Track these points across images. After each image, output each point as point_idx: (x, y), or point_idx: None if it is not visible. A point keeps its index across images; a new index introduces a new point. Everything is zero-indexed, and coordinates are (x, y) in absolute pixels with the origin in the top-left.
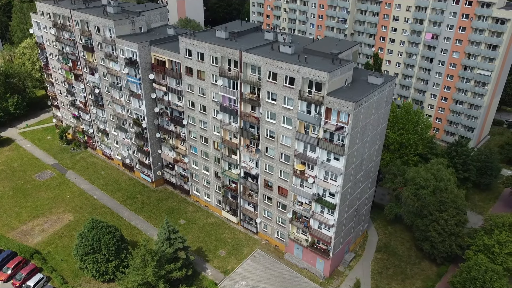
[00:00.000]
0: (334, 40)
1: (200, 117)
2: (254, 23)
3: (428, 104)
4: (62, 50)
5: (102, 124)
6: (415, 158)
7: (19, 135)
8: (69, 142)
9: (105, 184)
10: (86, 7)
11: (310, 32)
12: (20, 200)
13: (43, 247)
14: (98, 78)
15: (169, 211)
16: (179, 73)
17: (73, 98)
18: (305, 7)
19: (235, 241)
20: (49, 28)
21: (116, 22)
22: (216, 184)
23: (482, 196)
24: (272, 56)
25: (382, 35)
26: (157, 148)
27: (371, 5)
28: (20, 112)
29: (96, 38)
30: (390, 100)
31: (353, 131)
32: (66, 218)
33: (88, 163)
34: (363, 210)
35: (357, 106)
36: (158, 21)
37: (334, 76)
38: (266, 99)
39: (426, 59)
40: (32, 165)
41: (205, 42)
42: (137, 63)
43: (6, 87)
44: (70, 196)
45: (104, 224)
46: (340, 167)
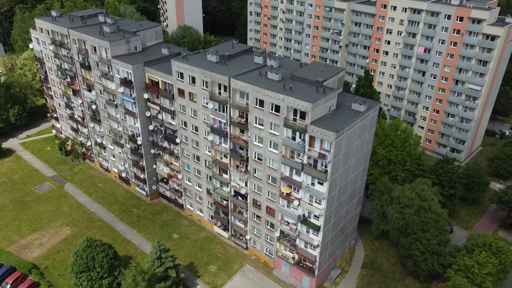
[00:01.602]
0: (320, 65)
1: (193, 136)
2: (245, 45)
3: (420, 116)
4: (61, 66)
5: (99, 138)
6: (404, 174)
7: (20, 146)
8: (68, 153)
9: (102, 197)
10: (83, 25)
11: (306, 42)
12: (20, 213)
13: (41, 261)
14: (95, 95)
15: (163, 225)
16: (172, 94)
17: (72, 112)
18: (301, 18)
19: (225, 256)
20: (48, 44)
21: (112, 43)
22: (208, 200)
23: (469, 210)
24: (259, 83)
25: (376, 47)
26: (152, 163)
27: (365, 17)
28: (21, 122)
29: (93, 57)
30: (374, 125)
31: (335, 158)
32: (64, 232)
33: (86, 175)
34: (349, 228)
35: (338, 136)
36: (153, 39)
37: (318, 106)
38: (254, 124)
39: (419, 72)
40: (32, 177)
41: (196, 67)
42: (131, 83)
43: (7, 98)
44: (68, 209)
45: (98, 243)
46: (324, 192)
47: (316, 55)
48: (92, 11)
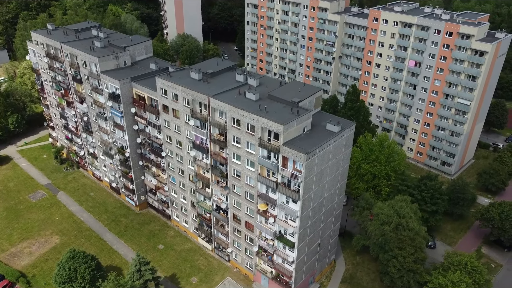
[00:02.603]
0: (299, 85)
1: (177, 151)
2: (230, 62)
3: (412, 129)
4: (55, 78)
5: (92, 148)
6: (388, 189)
7: (17, 153)
8: (63, 162)
9: (93, 206)
10: (76, 39)
11: (301, 52)
12: (12, 221)
13: (29, 270)
14: (87, 107)
15: (150, 236)
16: (157, 110)
17: (66, 122)
18: (296, 29)
19: (208, 268)
20: (43, 56)
21: (101, 58)
22: (193, 213)
23: (454, 225)
24: (237, 103)
25: (369, 59)
26: (141, 175)
27: (358, 30)
28: (20, 129)
29: (83, 71)
30: (350, 144)
31: (307, 178)
32: (53, 241)
33: (79, 183)
34: (328, 244)
35: (309, 157)
36: (143, 53)
37: (290, 127)
38: (232, 142)
39: (410, 85)
40: (26, 185)
41: (178, 85)
42: (119, 97)
43: (7, 106)
44: (59, 218)
45: (81, 254)
46: (297, 210)
47: (310, 66)
48: (87, 24)
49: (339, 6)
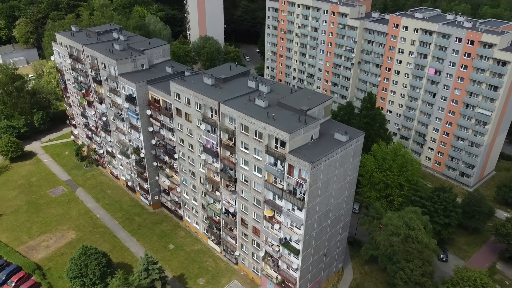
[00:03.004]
0: (309, 93)
1: (189, 153)
2: (243, 67)
3: (430, 138)
4: (77, 78)
5: (110, 147)
6: (401, 199)
7: (41, 149)
8: (84, 159)
9: (109, 204)
10: (98, 42)
11: (320, 57)
12: (33, 215)
13: (45, 263)
14: (105, 108)
15: (162, 235)
16: (171, 113)
17: (86, 121)
18: (315, 33)
19: (215, 270)
20: (66, 57)
21: (119, 61)
22: (203, 215)
23: (469, 239)
24: (246, 109)
25: (388, 66)
26: (155, 175)
27: (378, 36)
28: (44, 126)
29: (103, 73)
30: (358, 153)
31: (312, 187)
32: (69, 236)
33: (97, 181)
34: (335, 252)
35: (314, 166)
36: (161, 57)
37: (296, 136)
38: (240, 148)
39: (429, 93)
40: (48, 180)
41: (190, 90)
42: (135, 99)
43: (33, 103)
44: (76, 214)
45: (92, 251)
46: (302, 218)
47: (329, 71)
48: (109, 27)
49: (359, 11)
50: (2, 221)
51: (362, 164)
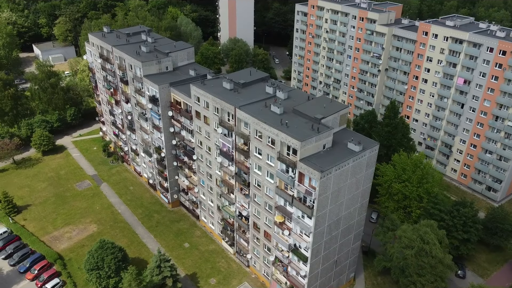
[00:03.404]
0: (325, 101)
1: (206, 155)
2: (263, 73)
3: (457, 149)
4: (106, 78)
5: (134, 145)
6: (419, 211)
7: (71, 144)
8: (110, 155)
9: (131, 200)
10: (126, 43)
11: (347, 63)
12: (59, 207)
13: (67, 253)
14: (131, 107)
15: (178, 233)
16: (191, 115)
17: (114, 119)
18: (343, 39)
19: (227, 271)
20: (97, 57)
21: (144, 63)
22: (218, 216)
23: (490, 257)
24: (261, 115)
25: (416, 74)
26: (175, 174)
27: (406, 43)
28: (76, 122)
29: (129, 73)
30: (372, 164)
31: (321, 196)
32: (91, 229)
33: (121, 177)
34: (346, 262)
35: (324, 175)
36: (185, 60)
37: (308, 144)
38: (254, 153)
39: (457, 103)
40: (75, 174)
41: (209, 93)
42: (158, 101)
43: (66, 99)
44: (99, 208)
45: (109, 245)
46: (311, 226)
47: (356, 77)
48: (138, 28)
49: (388, 17)
50: (31, 211)
51: (381, 173)
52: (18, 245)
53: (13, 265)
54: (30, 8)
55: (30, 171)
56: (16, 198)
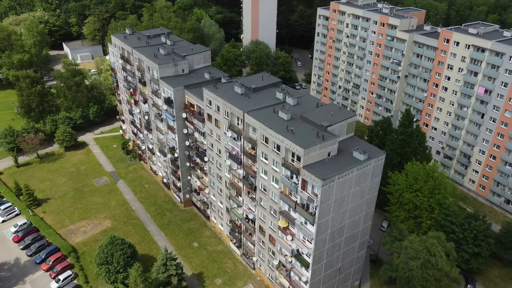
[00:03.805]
0: (334, 108)
1: (217, 158)
2: (275, 78)
3: (475, 159)
4: (126, 78)
5: (150, 144)
6: (430, 222)
7: (92, 140)
8: (128, 153)
9: (145, 197)
10: (146, 45)
11: (366, 68)
12: (76, 201)
13: (81, 247)
14: (148, 108)
15: (188, 232)
16: (203, 118)
17: (133, 118)
18: (363, 44)
19: (233, 272)
20: (119, 58)
21: (161, 65)
22: (227, 217)
23: (503, 272)
24: (268, 121)
25: (436, 82)
26: (187, 175)
27: (427, 50)
28: (98, 119)
29: (147, 75)
30: (378, 173)
31: (323, 204)
32: (105, 224)
33: (138, 175)
34: (351, 269)
35: (326, 183)
36: (202, 63)
37: (311, 151)
38: (261, 158)
39: (478, 113)
40: (94, 170)
41: (219, 97)
42: (172, 102)
43: (89, 97)
44: (114, 204)
45: (119, 241)
46: (312, 232)
47: (375, 82)
48: (159, 31)
49: (410, 23)
50: (50, 204)
51: (392, 182)
52: (35, 237)
53: (30, 255)
54: (62, 7)
55: (52, 166)
56: (37, 191)
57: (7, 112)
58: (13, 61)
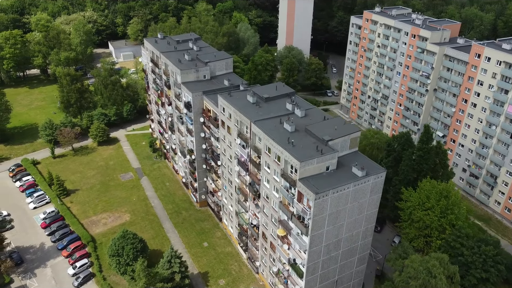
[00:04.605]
0: (339, 123)
1: (228, 163)
2: (289, 88)
3: (502, 181)
4: (155, 80)
5: (173, 145)
6: (439, 242)
7: (124, 137)
8: (155, 151)
9: (165, 195)
10: (174, 50)
11: (396, 79)
12: (101, 194)
13: (99, 238)
14: (172, 110)
15: (200, 232)
16: (217, 123)
17: (159, 118)
18: (394, 55)
19: (238, 275)
20: (149, 60)
21: (183, 71)
22: (236, 221)
23: None
24: (272, 132)
25: (465, 97)
26: (203, 176)
27: (458, 64)
28: (131, 117)
29: (171, 79)
30: (378, 190)
31: (317, 217)
32: (125, 218)
33: (161, 173)
34: (349, 283)
35: (320, 197)
36: (223, 69)
37: (308, 165)
38: (264, 166)
39: (507, 133)
40: (122, 166)
41: (231, 105)
42: (191, 107)
43: (124, 96)
44: (135, 200)
45: (130, 236)
46: (306, 243)
47: (403, 94)
48: (189, 36)
49: (442, 36)
50: (78, 195)
51: (405, 198)
52: (60, 225)
53: (54, 241)
54: (110, 8)
55: (84, 159)
56: (68, 182)
57: (51, 105)
58: (61, 58)
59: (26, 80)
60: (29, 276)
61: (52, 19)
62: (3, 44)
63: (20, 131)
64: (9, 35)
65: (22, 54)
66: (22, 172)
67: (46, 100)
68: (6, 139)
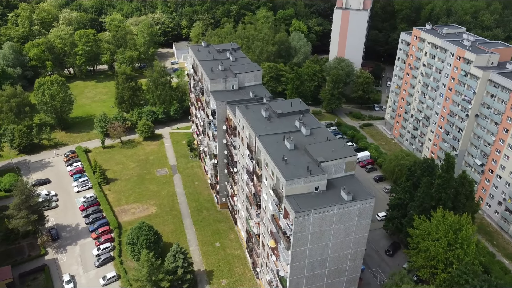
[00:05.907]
0: (339, 145)
1: (241, 170)
2: (304, 105)
3: None
4: (194, 85)
5: (204, 147)
6: (445, 275)
7: (168, 134)
8: (192, 150)
9: (191, 193)
10: (211, 59)
11: (438, 101)
12: (136, 186)
13: (125, 225)
14: (204, 115)
15: (215, 232)
16: (235, 133)
17: (196, 121)
18: (439, 75)
19: (240, 277)
20: (191, 67)
21: (212, 80)
22: (245, 226)
23: None
24: (272, 147)
25: (506, 127)
26: (225, 180)
27: (501, 91)
28: (177, 116)
29: (204, 86)
30: (367, 216)
31: (298, 234)
32: (151, 210)
33: (193, 171)
34: None
35: (300, 216)
36: (252, 81)
37: (295, 184)
38: (263, 179)
39: None
40: (160, 161)
41: (243, 118)
42: (215, 114)
43: (173, 96)
44: (164, 194)
45: (145, 227)
46: (288, 258)
47: (445, 117)
48: (229, 46)
49: (489, 60)
50: (116, 184)
51: (415, 226)
52: (95, 209)
53: (87, 224)
54: (178, 11)
55: (129, 152)
56: (110, 172)
57: (111, 99)
58: (125, 56)
59: (95, 74)
60: (61, 251)
61: (124, 19)
62: (77, 41)
63: (80, 121)
64: (83, 34)
65: (93, 51)
66: (74, 158)
67: (108, 94)
68: (68, 127)
